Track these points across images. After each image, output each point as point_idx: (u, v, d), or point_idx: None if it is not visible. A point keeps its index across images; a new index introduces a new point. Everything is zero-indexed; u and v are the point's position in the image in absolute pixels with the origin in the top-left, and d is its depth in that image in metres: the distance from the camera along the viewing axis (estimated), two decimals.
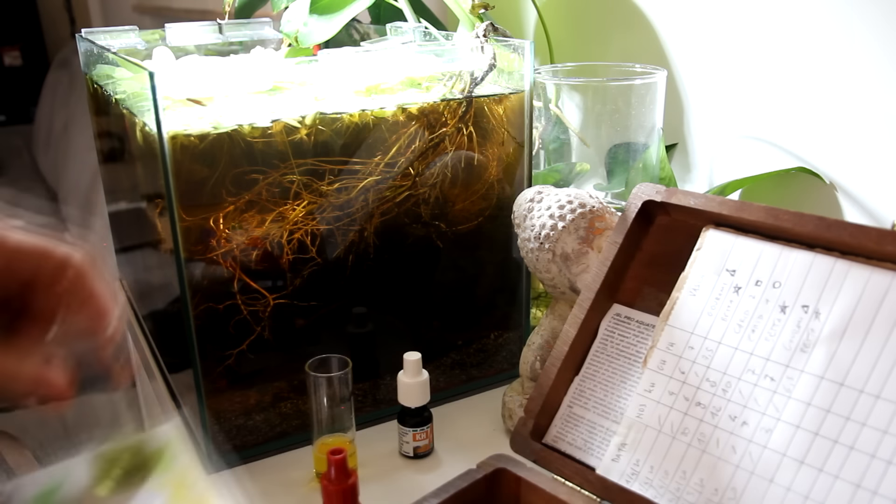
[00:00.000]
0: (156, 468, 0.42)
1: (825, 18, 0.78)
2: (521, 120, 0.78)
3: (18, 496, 0.41)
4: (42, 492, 0.42)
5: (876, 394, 0.44)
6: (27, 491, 0.42)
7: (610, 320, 0.60)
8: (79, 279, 0.41)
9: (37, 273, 0.40)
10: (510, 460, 0.55)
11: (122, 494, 0.41)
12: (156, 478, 0.42)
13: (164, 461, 0.42)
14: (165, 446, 0.43)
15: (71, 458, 0.43)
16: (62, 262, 0.41)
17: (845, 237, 0.48)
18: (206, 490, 0.42)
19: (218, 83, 0.67)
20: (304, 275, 0.70)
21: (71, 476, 0.42)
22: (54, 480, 0.42)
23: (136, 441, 0.42)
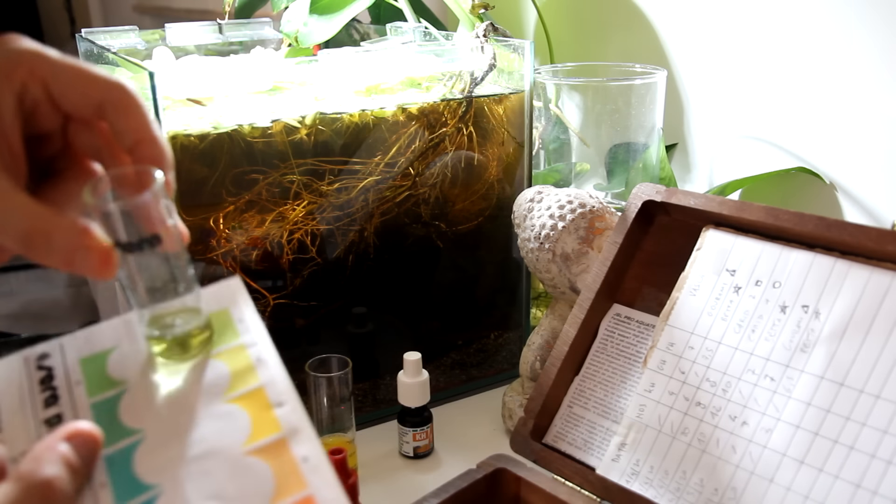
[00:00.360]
0: (215, 334, 0.38)
1: (825, 19, 0.78)
2: (521, 120, 0.78)
3: (64, 358, 0.37)
4: (93, 354, 0.38)
5: (876, 394, 0.44)
6: (73, 352, 0.38)
7: (610, 320, 0.60)
8: (138, 116, 0.35)
9: (105, 98, 0.35)
10: (510, 460, 0.55)
11: (182, 362, 0.37)
12: (216, 345, 0.37)
13: (224, 327, 0.38)
14: (224, 311, 0.39)
15: (122, 317, 0.39)
16: (127, 95, 0.35)
17: (845, 237, 0.48)
18: (261, 363, 0.37)
19: (218, 83, 0.67)
20: (304, 275, 0.70)
21: (124, 338, 0.38)
22: (105, 343, 0.38)
23: (192, 304, 0.37)
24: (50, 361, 0.37)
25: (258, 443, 0.34)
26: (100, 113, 0.35)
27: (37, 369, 0.37)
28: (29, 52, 0.34)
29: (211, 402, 0.35)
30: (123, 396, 0.36)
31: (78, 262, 0.33)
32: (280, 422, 0.34)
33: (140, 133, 0.35)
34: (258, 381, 0.36)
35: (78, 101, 0.35)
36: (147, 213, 0.34)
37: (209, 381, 0.36)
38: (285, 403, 0.35)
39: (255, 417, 0.35)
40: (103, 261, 0.33)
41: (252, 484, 0.32)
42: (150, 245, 0.34)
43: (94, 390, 0.36)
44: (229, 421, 0.35)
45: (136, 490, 0.33)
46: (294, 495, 0.32)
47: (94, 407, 0.35)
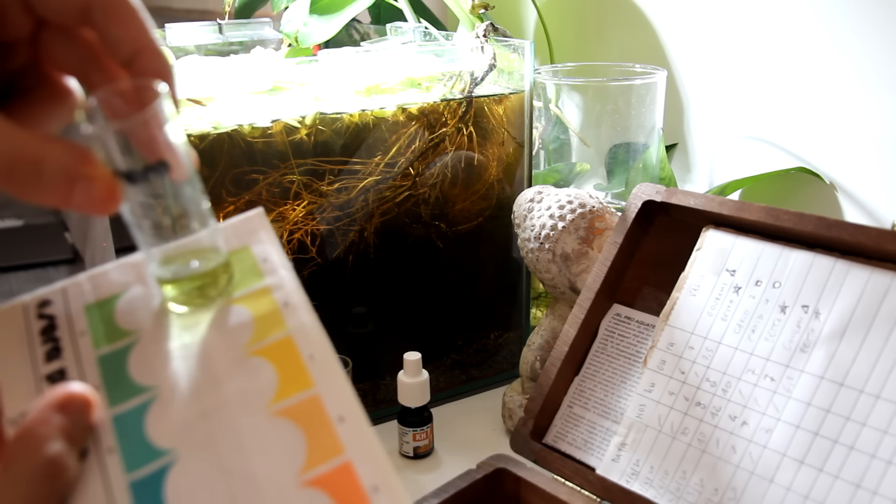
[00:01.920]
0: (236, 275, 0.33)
1: (825, 19, 0.78)
2: (521, 120, 0.78)
3: (67, 305, 0.33)
4: (99, 300, 0.33)
5: (876, 394, 0.44)
6: (77, 299, 0.33)
7: (610, 320, 0.60)
8: (135, 22, 0.29)
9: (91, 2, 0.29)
10: (510, 460, 0.55)
11: (199, 308, 0.32)
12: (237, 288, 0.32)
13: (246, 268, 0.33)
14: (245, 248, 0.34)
15: (131, 257, 0.34)
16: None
17: (845, 237, 0.48)
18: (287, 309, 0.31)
19: (218, 83, 0.67)
20: (304, 275, 0.70)
21: (134, 282, 0.33)
22: (113, 287, 0.33)
23: (208, 242, 0.32)
24: (51, 309, 0.33)
25: (286, 401, 0.29)
26: (85, 17, 0.29)
27: (37, 318, 0.32)
28: None
29: (233, 354, 0.31)
30: (133, 349, 0.32)
31: (77, 195, 0.28)
32: (312, 377, 0.30)
33: (139, 41, 0.30)
34: (285, 329, 0.31)
35: (57, 2, 0.29)
36: (151, 133, 0.28)
37: (230, 330, 0.31)
38: (317, 355, 0.30)
39: (283, 372, 0.30)
40: (107, 192, 0.28)
41: (280, 449, 0.28)
42: (157, 173, 0.29)
43: (101, 342, 0.32)
44: (254, 376, 0.30)
45: (148, 456, 0.29)
46: (329, 461, 0.28)
47: (102, 361, 0.31)
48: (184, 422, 0.29)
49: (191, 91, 0.66)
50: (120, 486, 0.28)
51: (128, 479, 0.28)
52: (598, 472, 0.53)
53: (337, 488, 0.27)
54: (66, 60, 0.31)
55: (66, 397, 0.29)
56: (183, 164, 0.30)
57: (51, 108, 0.32)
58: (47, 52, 0.31)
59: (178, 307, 0.33)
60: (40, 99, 0.32)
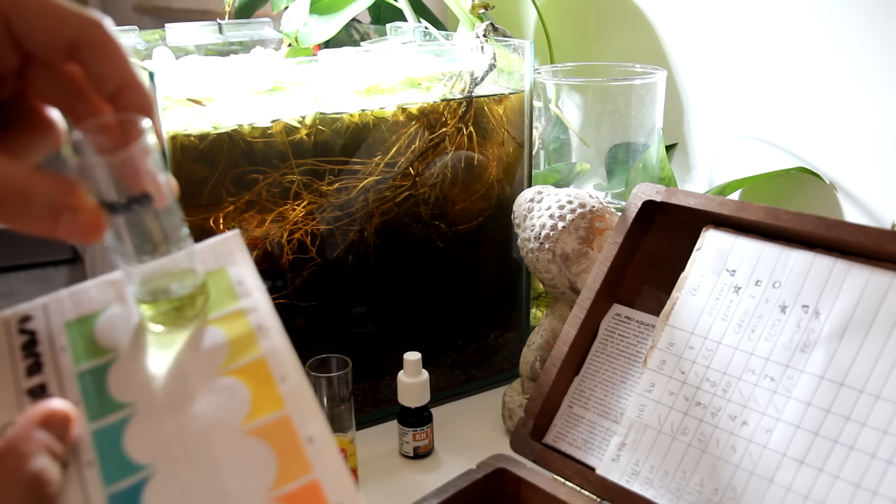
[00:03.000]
0: (212, 297, 0.34)
1: (825, 19, 0.78)
2: (521, 120, 0.78)
3: (48, 321, 0.34)
4: (79, 317, 0.34)
5: (876, 394, 0.44)
6: (58, 315, 0.34)
7: (610, 320, 0.60)
8: (119, 58, 0.30)
9: (79, 36, 0.30)
10: (510, 460, 0.55)
11: (176, 327, 0.33)
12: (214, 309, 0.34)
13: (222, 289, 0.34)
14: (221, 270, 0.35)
15: (110, 276, 0.35)
16: (105, 33, 0.30)
17: (845, 237, 0.48)
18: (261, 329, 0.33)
19: (218, 83, 0.67)
20: (304, 275, 0.70)
21: (113, 300, 0.34)
22: (93, 304, 0.34)
23: (186, 265, 0.33)
24: (33, 325, 0.33)
25: (259, 420, 0.31)
26: (71, 53, 0.30)
27: (18, 333, 0.33)
28: None
29: (208, 373, 0.32)
30: (113, 366, 0.33)
31: (63, 224, 0.29)
32: (283, 398, 0.31)
33: (123, 77, 0.31)
34: (259, 351, 0.32)
35: (45, 39, 0.30)
36: (135, 166, 0.29)
37: (206, 350, 0.33)
38: (289, 378, 0.31)
39: (256, 392, 0.31)
40: (92, 223, 0.29)
41: (252, 466, 0.29)
42: (140, 204, 0.30)
43: (81, 358, 0.33)
44: (228, 395, 0.31)
45: (126, 470, 0.30)
46: (298, 479, 0.29)
47: (81, 377, 0.32)
48: (161, 438, 0.30)
49: (191, 91, 0.66)
50: (99, 498, 0.29)
51: (106, 492, 0.29)
52: (598, 472, 0.53)
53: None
54: (51, 93, 0.32)
55: (47, 413, 0.29)
56: (164, 194, 0.31)
57: (35, 140, 0.33)
58: (33, 85, 0.32)
59: (155, 327, 0.34)
60: (25, 130, 0.33)
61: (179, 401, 0.31)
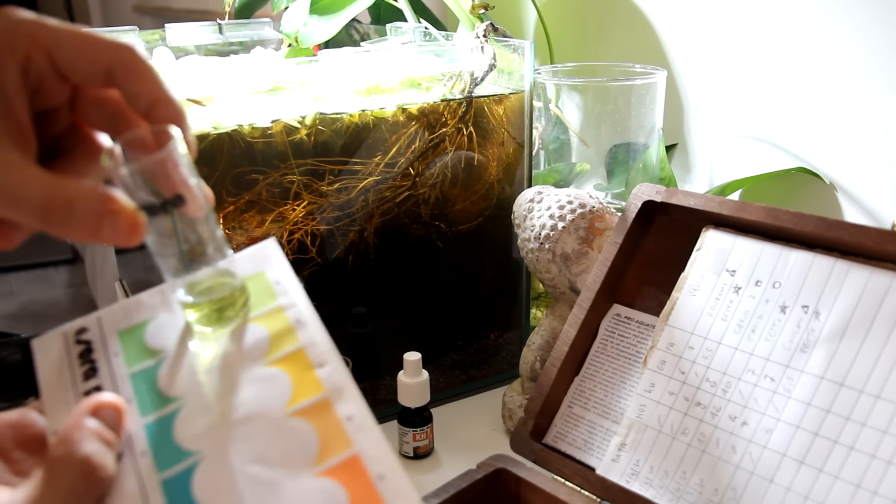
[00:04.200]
0: (252, 297, 0.37)
1: (825, 19, 0.78)
2: (521, 120, 0.78)
3: (102, 331, 0.37)
4: (130, 326, 0.37)
5: (876, 394, 0.44)
6: (111, 325, 0.37)
7: (610, 320, 0.60)
8: (150, 78, 0.34)
9: (114, 62, 0.33)
10: (510, 460, 0.55)
11: (220, 327, 0.36)
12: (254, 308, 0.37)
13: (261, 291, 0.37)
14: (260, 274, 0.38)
15: (158, 287, 0.38)
16: (136, 56, 0.34)
17: (845, 237, 0.48)
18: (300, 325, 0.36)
19: (218, 83, 0.67)
20: (304, 275, 0.70)
21: (161, 308, 0.38)
22: (143, 314, 0.37)
23: (225, 269, 0.36)
24: (88, 335, 0.37)
25: (300, 404, 0.33)
26: (109, 79, 0.34)
27: (75, 343, 0.36)
28: (30, 22, 0.33)
29: (251, 366, 0.35)
30: (162, 365, 0.35)
31: (105, 228, 0.31)
32: (322, 382, 0.34)
33: (154, 94, 0.34)
34: (298, 342, 0.35)
35: (85, 68, 0.33)
36: (167, 171, 0.32)
37: (248, 345, 0.35)
38: (327, 363, 0.34)
39: (297, 379, 0.34)
40: (131, 224, 0.32)
41: (296, 445, 0.32)
42: (174, 205, 0.33)
43: (133, 361, 0.36)
44: (270, 384, 0.34)
45: (177, 457, 0.32)
46: (339, 455, 0.31)
47: (133, 377, 0.35)
48: (209, 426, 0.33)
49: (191, 91, 0.66)
50: (153, 484, 0.32)
51: (159, 477, 0.32)
52: (598, 472, 0.53)
53: (347, 478, 0.31)
54: (99, 119, 0.36)
55: (97, 404, 0.33)
56: (198, 200, 0.34)
57: (91, 164, 0.37)
58: (83, 114, 0.36)
59: (200, 328, 0.36)
60: (81, 156, 0.36)
61: (225, 392, 0.34)
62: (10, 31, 0.32)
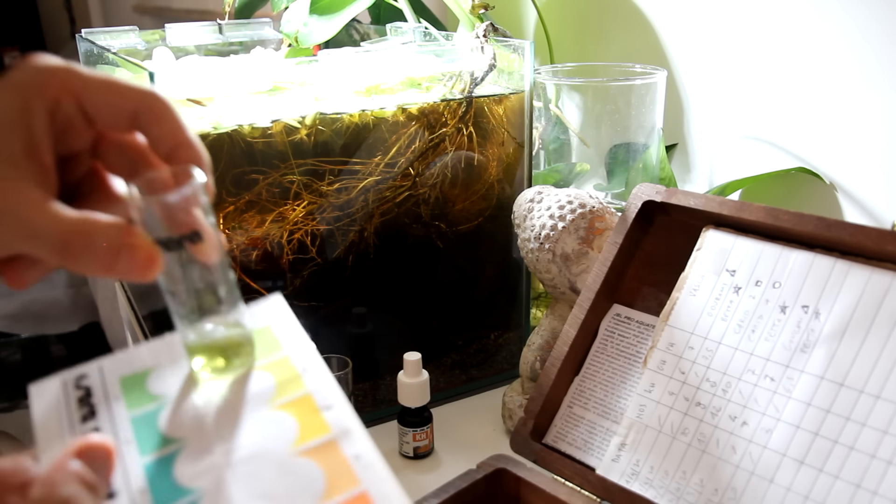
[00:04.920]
0: (254, 349, 0.37)
1: (825, 19, 0.78)
2: (521, 120, 0.78)
3: (103, 377, 0.37)
4: (133, 374, 0.37)
5: (876, 394, 0.44)
6: (113, 372, 0.37)
7: (610, 320, 0.60)
8: (173, 121, 0.35)
9: (139, 106, 0.34)
10: (510, 460, 0.55)
11: (224, 373, 0.36)
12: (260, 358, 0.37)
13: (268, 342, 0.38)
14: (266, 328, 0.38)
15: (161, 339, 0.38)
16: (160, 101, 0.35)
17: (845, 237, 0.48)
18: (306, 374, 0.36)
19: (218, 83, 0.67)
20: (304, 275, 0.70)
21: (165, 359, 0.37)
22: (146, 363, 0.37)
23: (233, 319, 0.36)
24: (88, 381, 0.37)
25: (307, 444, 0.33)
26: (134, 123, 0.35)
27: (75, 388, 0.36)
28: (60, 68, 0.34)
29: (256, 409, 0.35)
30: (164, 409, 0.35)
31: (122, 261, 0.32)
32: (329, 424, 0.34)
33: (176, 137, 0.35)
34: (304, 388, 0.35)
35: (111, 112, 0.35)
36: (187, 208, 0.33)
37: (254, 390, 0.36)
38: (334, 406, 0.34)
39: (303, 421, 0.34)
40: (148, 258, 0.32)
41: (301, 482, 0.32)
42: (191, 241, 0.33)
43: (134, 405, 0.36)
44: (276, 425, 0.34)
45: (176, 494, 0.32)
46: (346, 492, 0.31)
47: (134, 421, 0.35)
48: (211, 465, 0.33)
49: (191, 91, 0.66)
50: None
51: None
52: (598, 473, 0.53)
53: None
54: (120, 164, 0.37)
55: (83, 447, 0.32)
56: (214, 242, 0.34)
57: (106, 210, 0.37)
58: (105, 159, 0.37)
59: (204, 374, 0.37)
60: (97, 201, 0.37)
61: (229, 433, 0.34)
62: (40, 75, 0.34)
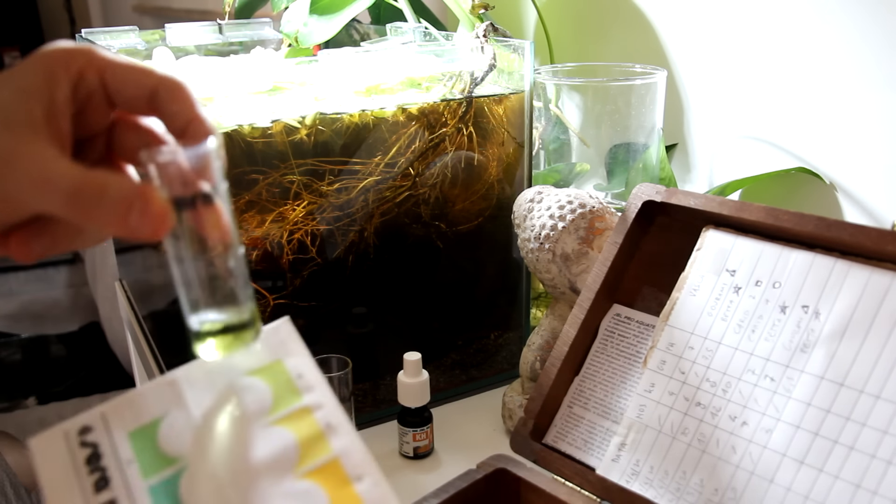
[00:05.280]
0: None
1: (824, 19, 0.78)
2: (521, 120, 0.78)
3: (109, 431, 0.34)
4: (141, 427, 0.35)
5: (876, 394, 0.44)
6: (119, 425, 0.34)
7: (610, 320, 0.60)
8: (189, 98, 0.36)
9: (159, 85, 0.36)
10: (510, 460, 0.55)
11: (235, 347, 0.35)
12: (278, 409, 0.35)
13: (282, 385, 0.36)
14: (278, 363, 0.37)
15: (164, 378, 0.36)
16: (178, 81, 0.36)
17: (845, 237, 0.48)
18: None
19: (218, 83, 0.67)
20: (305, 275, 0.70)
21: (172, 404, 0.35)
22: (152, 411, 0.35)
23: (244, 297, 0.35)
24: (93, 436, 0.34)
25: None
26: (152, 101, 0.36)
27: (80, 446, 0.34)
28: (86, 48, 0.35)
29: (282, 478, 0.33)
30: (183, 476, 0.33)
31: (134, 215, 0.32)
32: (362, 499, 0.32)
33: (192, 113, 0.36)
34: (331, 451, 0.34)
35: (132, 89, 0.36)
36: (200, 169, 0.33)
37: (276, 454, 0.33)
38: (365, 476, 0.33)
39: (334, 495, 0.32)
40: (160, 214, 0.32)
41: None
42: (204, 202, 0.33)
43: (150, 470, 0.33)
44: (305, 500, 0.32)
45: None
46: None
47: (153, 490, 0.33)
48: None
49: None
50: None
51: None
52: (598, 473, 0.53)
53: None
54: (135, 148, 0.37)
55: None
56: (225, 212, 0.34)
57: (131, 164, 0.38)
58: (121, 142, 0.38)
59: (206, 349, 0.35)
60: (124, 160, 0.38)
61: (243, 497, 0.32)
62: (66, 51, 0.35)
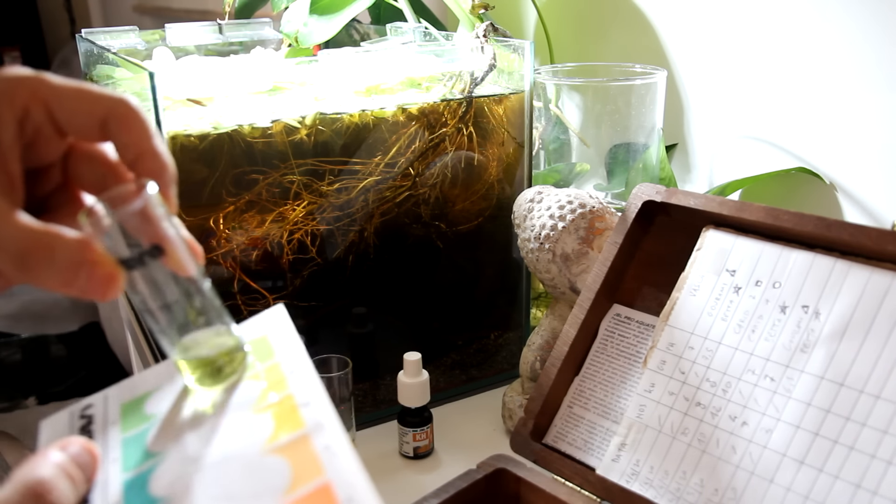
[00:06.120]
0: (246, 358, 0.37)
1: (825, 19, 0.78)
2: (521, 120, 0.78)
3: (106, 405, 0.38)
4: (133, 399, 0.38)
5: (876, 394, 0.44)
6: (116, 400, 0.38)
7: (610, 320, 0.60)
8: (140, 129, 0.34)
9: (109, 113, 0.34)
10: (510, 460, 0.55)
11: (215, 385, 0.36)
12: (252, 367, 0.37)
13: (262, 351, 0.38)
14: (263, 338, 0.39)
15: (167, 361, 0.38)
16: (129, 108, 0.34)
17: (845, 237, 0.48)
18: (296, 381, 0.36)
19: (218, 83, 0.67)
20: (305, 275, 0.70)
21: (165, 381, 0.38)
22: (148, 386, 0.38)
23: (220, 329, 0.36)
24: (92, 410, 0.37)
25: (278, 441, 0.33)
26: (103, 130, 0.34)
27: (80, 418, 0.37)
28: (29, 77, 0.33)
29: (238, 414, 0.35)
30: (153, 427, 0.36)
31: (82, 278, 0.31)
32: (304, 419, 0.33)
33: (141, 146, 0.34)
34: (287, 389, 0.35)
35: (81, 120, 0.34)
36: (141, 223, 0.32)
37: (240, 397, 0.36)
38: (311, 402, 0.34)
39: (279, 418, 0.34)
40: (107, 276, 0.32)
41: (266, 480, 0.32)
42: (152, 256, 0.32)
43: (128, 427, 0.36)
44: (252, 426, 0.34)
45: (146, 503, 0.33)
46: (309, 483, 0.31)
47: (125, 441, 0.35)
48: (183, 473, 0.34)
49: (191, 91, 0.66)
50: None
51: None
52: (598, 473, 0.53)
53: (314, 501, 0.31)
54: (90, 177, 0.36)
55: (68, 442, 0.33)
56: (182, 253, 0.33)
57: (74, 224, 0.36)
58: (75, 172, 0.37)
59: (197, 385, 0.37)
60: (66, 216, 0.37)
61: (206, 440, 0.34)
62: (9, 84, 0.33)
